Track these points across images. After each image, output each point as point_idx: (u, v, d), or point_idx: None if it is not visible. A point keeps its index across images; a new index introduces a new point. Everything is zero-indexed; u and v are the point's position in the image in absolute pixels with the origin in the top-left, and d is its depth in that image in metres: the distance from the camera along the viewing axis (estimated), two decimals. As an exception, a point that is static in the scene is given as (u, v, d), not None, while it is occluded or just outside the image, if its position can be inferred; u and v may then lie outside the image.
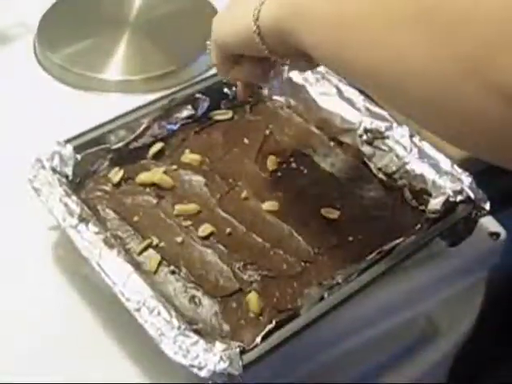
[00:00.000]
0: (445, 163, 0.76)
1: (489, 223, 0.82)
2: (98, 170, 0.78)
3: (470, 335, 0.89)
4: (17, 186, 0.75)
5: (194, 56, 0.98)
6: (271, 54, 0.62)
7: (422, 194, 0.76)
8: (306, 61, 0.61)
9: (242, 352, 0.62)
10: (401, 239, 0.72)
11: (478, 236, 0.77)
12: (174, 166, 0.79)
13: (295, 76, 0.85)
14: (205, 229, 0.73)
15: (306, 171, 0.80)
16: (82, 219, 0.70)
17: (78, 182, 0.76)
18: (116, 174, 0.77)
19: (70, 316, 0.72)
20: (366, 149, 0.80)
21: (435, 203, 0.74)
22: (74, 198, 0.72)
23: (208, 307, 0.68)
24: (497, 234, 0.81)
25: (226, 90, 0.85)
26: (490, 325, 1.02)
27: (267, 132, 0.83)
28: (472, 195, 0.73)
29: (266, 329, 0.64)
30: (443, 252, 0.76)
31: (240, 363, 0.61)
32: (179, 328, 0.62)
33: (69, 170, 0.75)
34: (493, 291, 0.87)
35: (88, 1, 1.06)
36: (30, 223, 0.77)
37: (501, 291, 0.94)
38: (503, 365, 1.20)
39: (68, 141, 0.77)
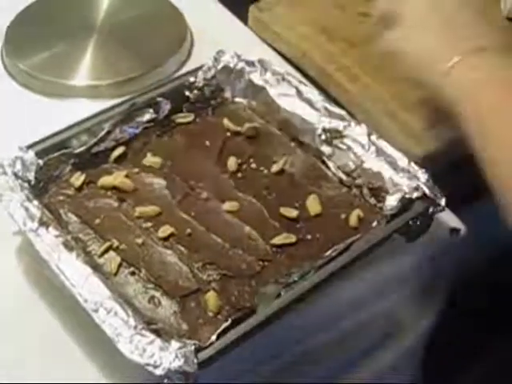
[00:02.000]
0: (402, 161, 0.77)
1: (449, 219, 0.83)
2: (61, 174, 0.79)
3: (438, 331, 0.90)
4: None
5: (161, 60, 0.99)
6: None
7: (380, 191, 0.77)
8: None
9: (198, 350, 0.63)
10: (358, 235, 0.73)
11: (438, 232, 0.78)
12: (136, 170, 0.80)
13: (256, 78, 0.86)
14: (165, 230, 0.74)
15: (265, 171, 0.81)
16: (42, 223, 0.71)
17: (40, 187, 0.77)
18: (78, 179, 0.78)
19: (31, 317, 0.73)
20: (325, 148, 0.81)
21: (392, 200, 0.75)
22: (36, 202, 0.73)
23: (167, 307, 0.69)
24: (457, 230, 0.83)
25: (187, 93, 0.86)
26: (459, 320, 1.03)
27: (228, 134, 0.84)
28: (428, 192, 0.74)
29: (222, 327, 0.65)
30: (403, 248, 0.77)
31: (195, 361, 0.62)
32: (136, 328, 0.63)
33: (31, 175, 0.76)
34: (456, 287, 0.88)
35: (55, 7, 1.06)
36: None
37: (464, 286, 0.95)
38: (479, 359, 1.22)
39: (30, 146, 0.78)
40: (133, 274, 0.71)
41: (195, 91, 0.86)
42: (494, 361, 1.28)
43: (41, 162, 0.77)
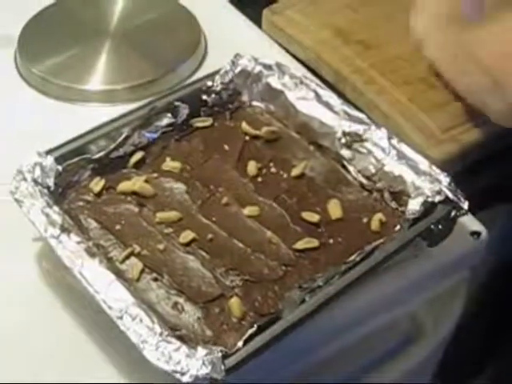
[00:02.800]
0: (423, 164, 0.77)
1: (470, 222, 0.82)
2: (80, 180, 0.79)
3: (456, 334, 0.89)
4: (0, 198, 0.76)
5: (176, 64, 0.99)
6: None
7: (402, 195, 0.76)
8: None
9: (225, 356, 0.62)
10: (381, 240, 0.72)
11: (459, 235, 0.78)
12: (155, 174, 0.80)
13: (274, 82, 0.86)
14: (186, 235, 0.74)
15: (285, 176, 0.80)
16: (63, 229, 0.70)
17: (59, 193, 0.77)
18: (97, 184, 0.78)
19: (54, 324, 0.72)
20: (345, 152, 0.81)
21: (414, 204, 0.75)
22: (56, 208, 0.72)
23: (191, 313, 0.68)
24: (478, 233, 0.82)
25: (205, 97, 0.85)
26: (476, 323, 1.03)
27: (246, 138, 0.84)
28: (450, 195, 0.74)
29: (248, 333, 0.64)
30: (425, 252, 0.77)
31: (222, 367, 0.61)
32: (161, 334, 0.63)
33: (50, 181, 0.76)
34: (477, 289, 0.88)
35: (69, 11, 1.06)
36: (14, 235, 0.78)
37: (485, 289, 0.95)
38: (492, 361, 1.21)
39: (49, 152, 0.77)
40: (155, 280, 0.71)
41: (213, 95, 0.85)
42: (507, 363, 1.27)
43: (60, 167, 0.77)
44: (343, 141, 0.81)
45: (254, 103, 0.87)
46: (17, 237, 0.77)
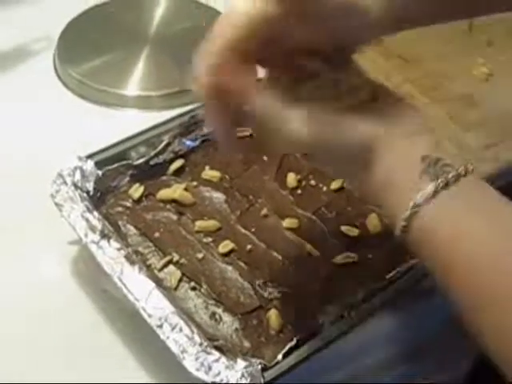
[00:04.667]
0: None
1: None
2: (119, 185, 0.79)
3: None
4: (38, 201, 0.75)
5: (212, 72, 0.98)
6: None
7: (441, 212, 0.76)
8: None
9: (264, 369, 0.62)
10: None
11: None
12: (195, 183, 0.80)
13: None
14: (225, 245, 0.73)
15: (325, 188, 0.80)
16: (103, 235, 0.70)
17: (98, 198, 0.77)
18: (137, 190, 0.78)
19: (89, 330, 0.72)
20: (385, 166, 0.80)
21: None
22: (96, 213, 0.72)
23: (229, 324, 0.68)
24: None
25: (245, 107, 0.85)
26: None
27: (287, 149, 0.84)
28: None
29: (287, 346, 0.64)
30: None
31: (262, 380, 0.61)
32: (201, 345, 0.63)
33: (90, 186, 0.76)
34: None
35: (107, 16, 1.06)
36: (50, 238, 0.77)
37: None
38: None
39: (89, 156, 0.77)
40: (193, 289, 0.71)
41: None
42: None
43: (100, 172, 0.77)
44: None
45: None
46: (53, 240, 0.77)
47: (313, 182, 0.81)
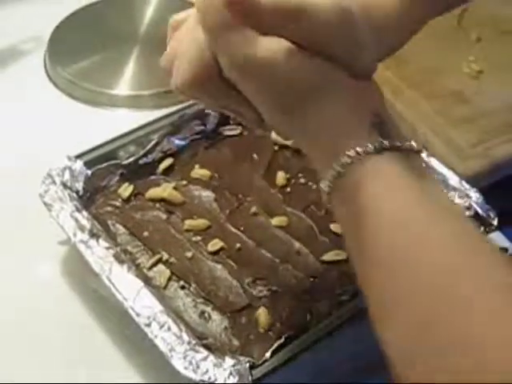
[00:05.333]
0: (453, 179, 0.76)
1: (497, 238, 0.81)
2: (108, 185, 0.79)
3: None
4: (28, 201, 0.75)
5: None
6: None
7: (431, 209, 0.76)
8: None
9: (252, 367, 0.62)
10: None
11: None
12: (184, 182, 0.80)
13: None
14: (214, 244, 0.73)
15: (314, 186, 0.80)
16: (92, 234, 0.70)
17: (88, 197, 0.77)
18: (126, 190, 0.78)
19: (77, 329, 0.72)
20: (375, 164, 0.80)
21: (444, 219, 0.74)
22: (85, 213, 0.72)
23: (218, 322, 0.68)
24: (505, 250, 0.81)
25: (235, 105, 0.85)
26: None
27: (276, 147, 0.84)
28: (480, 211, 0.74)
29: (276, 344, 0.64)
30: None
31: (250, 378, 0.61)
32: (189, 343, 0.63)
33: (79, 185, 0.76)
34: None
35: (98, 16, 1.07)
36: (39, 237, 0.78)
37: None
38: None
39: (78, 156, 0.77)
40: (183, 287, 0.71)
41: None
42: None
43: (89, 172, 0.77)
44: (372, 153, 0.80)
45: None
46: (42, 239, 0.77)
47: (302, 181, 0.81)
